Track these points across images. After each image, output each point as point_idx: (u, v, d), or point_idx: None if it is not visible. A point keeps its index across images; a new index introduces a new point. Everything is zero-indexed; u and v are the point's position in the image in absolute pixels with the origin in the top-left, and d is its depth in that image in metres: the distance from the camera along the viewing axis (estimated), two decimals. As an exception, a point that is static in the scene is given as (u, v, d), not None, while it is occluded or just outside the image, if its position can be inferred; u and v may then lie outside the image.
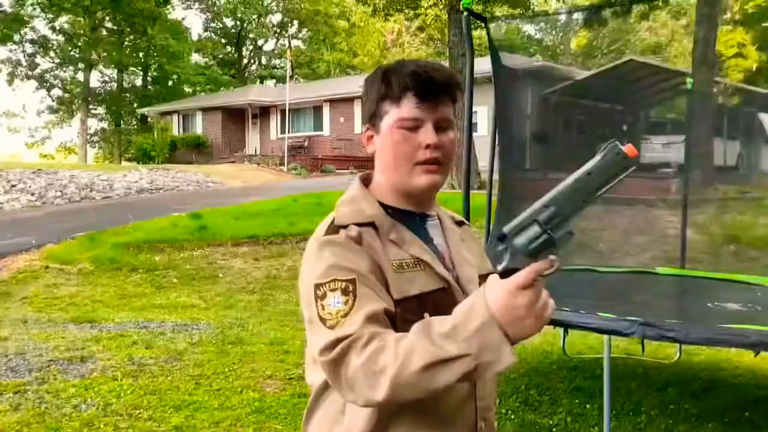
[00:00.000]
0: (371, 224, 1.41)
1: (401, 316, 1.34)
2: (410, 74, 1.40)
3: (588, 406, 4.74)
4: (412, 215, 1.49)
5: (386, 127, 1.44)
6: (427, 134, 1.41)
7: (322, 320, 1.30)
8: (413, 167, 1.42)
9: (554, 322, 3.84)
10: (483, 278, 1.55)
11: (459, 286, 1.46)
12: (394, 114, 1.43)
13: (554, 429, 4.37)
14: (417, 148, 1.41)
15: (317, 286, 1.33)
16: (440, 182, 1.45)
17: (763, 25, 36.95)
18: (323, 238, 1.39)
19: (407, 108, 1.41)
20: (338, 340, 1.24)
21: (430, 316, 1.34)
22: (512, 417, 4.55)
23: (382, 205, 1.47)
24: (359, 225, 1.40)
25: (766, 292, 5.47)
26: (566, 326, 4.01)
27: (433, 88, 1.41)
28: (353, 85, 31.25)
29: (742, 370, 5.70)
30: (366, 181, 1.53)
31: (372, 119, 1.48)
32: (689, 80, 8.32)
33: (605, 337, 3.66)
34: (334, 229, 1.40)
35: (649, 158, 19.72)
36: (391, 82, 1.42)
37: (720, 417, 4.54)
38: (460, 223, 1.64)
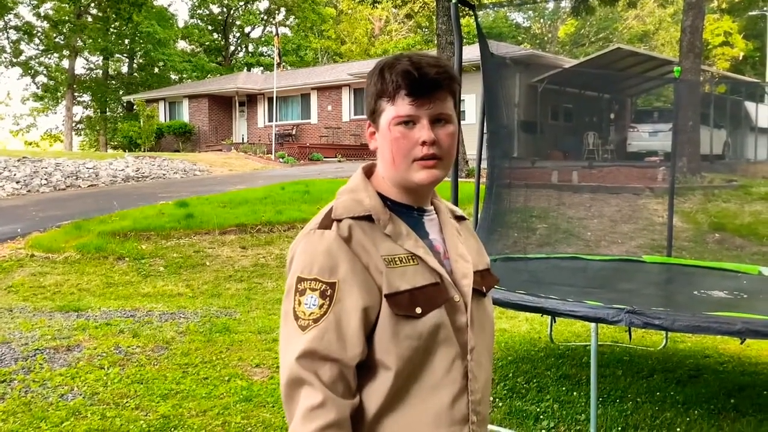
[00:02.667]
0: (368, 217, 1.42)
1: (392, 310, 1.37)
2: (402, 73, 1.40)
3: (575, 393, 4.77)
4: (410, 209, 1.50)
5: (384, 124, 1.45)
6: (423, 131, 1.41)
7: (296, 316, 1.37)
8: (411, 164, 1.43)
9: (542, 310, 3.86)
10: (481, 273, 1.56)
11: (452, 280, 1.47)
12: (390, 112, 1.44)
13: (541, 416, 4.39)
14: (414, 145, 1.42)
15: (300, 280, 1.39)
16: (440, 177, 1.45)
17: (750, 13, 37.10)
18: (317, 232, 1.41)
19: (401, 106, 1.42)
20: (300, 381, 1.34)
21: (422, 310, 1.39)
22: (500, 404, 4.57)
23: (381, 197, 1.48)
24: (356, 218, 1.41)
25: (751, 280, 5.52)
26: (553, 314, 4.02)
27: (426, 85, 1.41)
28: (341, 72, 31.17)
29: (728, 358, 5.75)
30: (369, 173, 1.54)
31: (372, 115, 1.49)
32: (676, 69, 8.33)
33: (592, 324, 3.67)
34: (329, 221, 1.42)
35: (636, 147, 19.82)
36: (386, 79, 1.42)
37: (706, 404, 4.57)
38: (460, 218, 1.65)
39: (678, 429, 4.16)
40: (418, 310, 1.38)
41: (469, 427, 1.44)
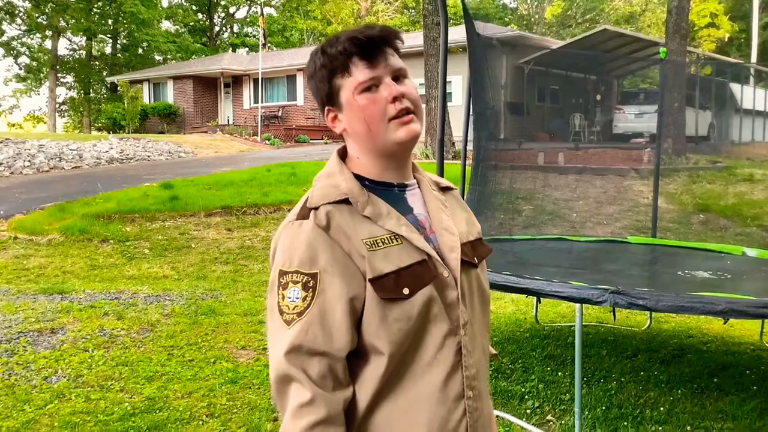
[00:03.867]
0: (345, 201, 1.39)
1: (377, 294, 1.34)
2: (347, 41, 1.39)
3: (560, 373, 4.79)
4: (389, 187, 1.46)
5: (347, 98, 1.42)
6: (390, 88, 1.40)
7: (280, 311, 1.35)
8: (388, 124, 1.40)
9: (527, 291, 3.87)
10: (472, 244, 1.54)
11: (440, 256, 1.44)
12: (349, 83, 1.41)
13: (526, 396, 4.41)
14: (385, 105, 1.40)
15: (282, 274, 1.36)
16: (419, 131, 1.43)
17: (736, -5, 37.15)
18: (295, 223, 1.39)
19: (359, 72, 1.40)
20: (288, 378, 1.32)
21: (410, 290, 1.36)
22: (485, 385, 4.59)
23: (359, 178, 1.44)
24: (333, 203, 1.38)
25: (735, 261, 5.55)
26: (538, 295, 4.03)
27: (375, 44, 1.40)
28: (327, 53, 30.92)
29: (711, 337, 5.80)
30: (343, 156, 1.51)
31: (329, 99, 1.46)
32: (662, 50, 8.33)
33: (577, 305, 3.68)
34: (306, 211, 1.39)
35: (622, 128, 19.88)
36: (333, 55, 1.41)
37: (689, 383, 4.61)
38: (446, 189, 1.61)
39: (661, 408, 4.19)
40: (406, 291, 1.35)
41: (465, 402, 1.42)
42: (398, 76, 1.43)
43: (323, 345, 1.32)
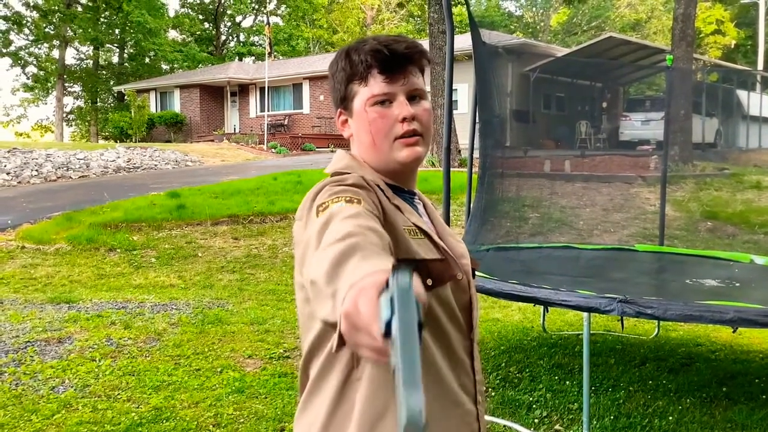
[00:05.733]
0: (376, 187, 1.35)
1: None
2: (371, 51, 1.37)
3: (567, 382, 4.77)
4: (401, 190, 1.45)
5: (358, 107, 1.41)
6: (402, 107, 1.38)
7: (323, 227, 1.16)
8: (393, 143, 1.39)
9: (534, 300, 3.86)
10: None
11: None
12: (364, 93, 1.40)
13: (534, 405, 4.39)
14: (393, 123, 1.38)
15: (319, 208, 1.23)
16: (422, 154, 1.42)
17: (742, 2, 37.13)
18: (325, 181, 1.33)
19: (375, 85, 1.38)
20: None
21: (433, 283, 1.33)
22: (492, 394, 4.57)
23: None
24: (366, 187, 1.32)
25: (743, 269, 5.53)
26: (546, 304, 4.02)
27: (397, 60, 1.38)
28: (333, 62, 30.99)
29: (720, 346, 5.76)
30: None
31: (343, 102, 1.45)
32: (668, 57, 8.32)
33: (585, 314, 3.67)
34: (337, 178, 1.33)
35: (629, 135, 19.84)
36: (355, 61, 1.39)
37: (698, 392, 4.59)
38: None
39: (670, 417, 4.17)
40: (429, 282, 1.33)
41: (476, 407, 1.42)
42: (415, 96, 1.41)
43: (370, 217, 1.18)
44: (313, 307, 1.06)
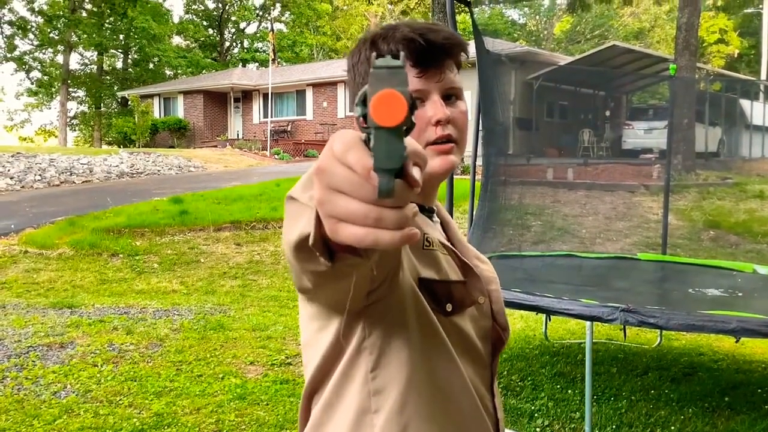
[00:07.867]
0: None
1: (423, 295, 1.09)
2: (404, 40, 1.13)
3: (570, 391, 4.76)
4: (421, 208, 1.23)
5: None
6: (436, 108, 1.16)
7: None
8: (424, 149, 1.08)
9: (537, 309, 3.85)
10: None
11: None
12: None
13: (536, 414, 4.38)
14: (425, 126, 1.16)
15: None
16: (455, 164, 1.19)
17: (745, 11, 37.17)
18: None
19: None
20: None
21: (453, 308, 1.14)
22: (494, 402, 4.56)
23: None
24: None
25: (746, 278, 5.52)
26: (548, 313, 4.01)
27: (433, 53, 1.15)
28: (336, 69, 31.08)
29: (723, 355, 5.75)
30: None
31: (364, 100, 1.27)
32: (672, 66, 8.33)
33: (587, 323, 3.66)
34: None
35: (632, 144, 19.84)
36: (383, 51, 1.13)
37: (700, 402, 4.57)
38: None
39: (672, 427, 4.16)
40: (449, 308, 1.13)
41: None
42: (451, 95, 1.21)
43: None
44: (287, 231, 0.85)
